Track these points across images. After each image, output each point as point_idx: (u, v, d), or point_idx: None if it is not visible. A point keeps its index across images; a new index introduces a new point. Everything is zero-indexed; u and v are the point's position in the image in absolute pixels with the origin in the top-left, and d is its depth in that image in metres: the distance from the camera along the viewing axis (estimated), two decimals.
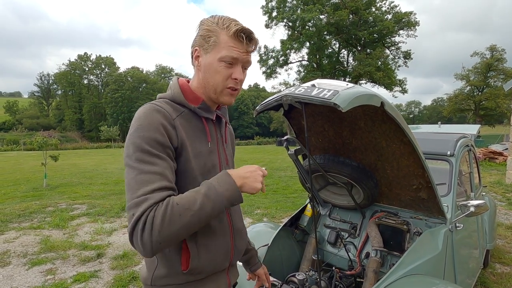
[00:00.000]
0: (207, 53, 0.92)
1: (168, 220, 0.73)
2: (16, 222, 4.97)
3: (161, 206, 0.74)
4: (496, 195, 7.02)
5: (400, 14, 29.84)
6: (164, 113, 0.86)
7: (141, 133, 0.81)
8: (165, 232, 0.73)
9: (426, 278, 1.53)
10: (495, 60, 32.76)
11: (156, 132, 0.82)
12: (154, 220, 0.72)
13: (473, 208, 1.80)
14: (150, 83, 59.07)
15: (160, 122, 0.83)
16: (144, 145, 0.80)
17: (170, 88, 0.98)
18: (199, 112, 0.95)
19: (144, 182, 0.76)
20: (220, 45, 0.90)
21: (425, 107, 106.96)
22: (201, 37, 0.92)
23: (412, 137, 1.45)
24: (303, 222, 2.22)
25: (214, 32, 0.90)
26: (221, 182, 0.83)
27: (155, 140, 0.81)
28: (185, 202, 0.77)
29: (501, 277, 3.07)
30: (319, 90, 1.13)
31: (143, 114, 0.85)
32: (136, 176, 0.77)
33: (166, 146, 0.83)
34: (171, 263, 0.89)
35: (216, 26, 0.90)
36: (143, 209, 0.73)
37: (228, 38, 0.89)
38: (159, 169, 0.79)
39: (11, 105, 70.12)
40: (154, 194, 0.75)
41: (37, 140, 8.23)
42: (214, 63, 0.91)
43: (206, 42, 0.91)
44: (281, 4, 30.44)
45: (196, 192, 0.80)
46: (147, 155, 0.79)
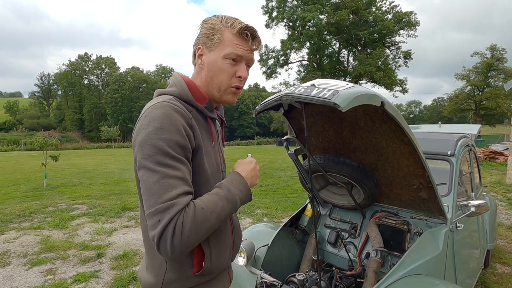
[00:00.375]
0: (210, 51, 0.91)
1: (197, 224, 0.75)
2: (16, 222, 4.97)
3: (188, 212, 0.75)
4: (496, 195, 7.01)
5: (401, 14, 29.82)
6: (182, 113, 0.83)
7: (162, 135, 0.77)
8: (194, 237, 0.75)
9: (426, 278, 1.53)
10: (496, 60, 32.71)
11: (178, 134, 0.79)
12: (183, 225, 0.73)
13: (473, 208, 1.79)
14: (150, 83, 59.09)
15: (181, 124, 0.81)
16: (166, 148, 0.77)
17: (174, 85, 0.93)
18: (206, 112, 0.94)
19: (169, 186, 0.75)
20: (225, 42, 0.89)
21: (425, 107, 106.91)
22: (205, 35, 0.91)
23: (413, 137, 1.45)
24: (303, 222, 2.21)
25: (218, 30, 0.90)
26: (235, 183, 0.87)
27: (177, 143, 0.79)
28: (210, 206, 0.79)
29: (502, 277, 3.06)
30: (319, 90, 1.12)
31: (162, 114, 0.80)
32: (159, 180, 0.75)
33: (187, 148, 0.82)
34: (182, 267, 0.87)
35: (220, 24, 0.90)
36: (172, 215, 0.73)
37: (233, 36, 0.89)
38: (181, 173, 0.78)
39: (12, 105, 70.18)
40: (180, 199, 0.75)
41: (37, 140, 8.23)
42: (219, 61, 0.90)
43: (210, 40, 0.90)
44: (281, 4, 30.43)
45: (216, 195, 0.82)
46: (169, 158, 0.77)
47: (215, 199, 0.81)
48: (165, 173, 0.76)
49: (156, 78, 64.50)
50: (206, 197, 0.81)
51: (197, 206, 0.77)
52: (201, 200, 0.79)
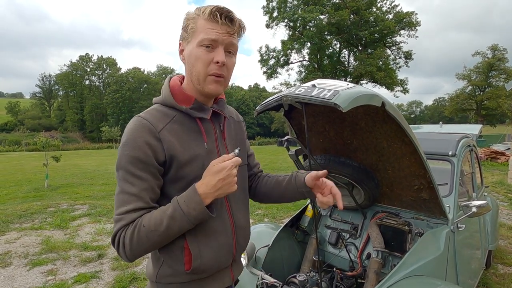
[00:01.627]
0: (188, 43, 0.89)
1: (136, 241, 0.81)
2: (18, 222, 4.97)
3: (130, 228, 0.82)
4: (498, 195, 6.99)
5: (401, 14, 29.79)
6: (148, 127, 0.85)
7: (125, 151, 0.83)
8: (135, 250, 0.82)
9: (428, 279, 1.52)
10: (497, 60, 32.64)
11: (139, 151, 0.83)
12: (124, 240, 0.82)
13: (475, 208, 1.79)
14: (151, 84, 59.22)
15: (143, 140, 0.83)
16: (127, 165, 0.83)
17: (161, 92, 0.96)
18: (192, 113, 0.91)
19: (122, 202, 0.83)
20: (198, 30, 0.86)
21: (426, 107, 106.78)
22: (182, 29, 0.91)
23: (414, 137, 1.44)
24: (304, 223, 2.21)
25: (192, 19, 0.87)
26: (188, 201, 0.83)
27: (138, 159, 0.83)
28: (152, 224, 0.81)
29: (504, 278, 3.05)
30: (319, 90, 1.12)
31: (129, 129, 0.86)
32: (118, 194, 0.85)
33: (149, 164, 0.84)
34: (175, 263, 0.91)
35: (193, 14, 0.88)
36: (117, 229, 0.83)
37: (205, 22, 0.85)
38: (136, 190, 0.83)
39: (13, 106, 70.40)
40: (127, 215, 0.82)
41: (41, 141, 8.30)
42: (194, 50, 0.87)
43: (185, 32, 0.89)
44: (282, 4, 30.43)
45: (163, 212, 0.83)
46: (129, 174, 0.83)
47: (160, 217, 0.82)
48: (122, 188, 0.84)
49: (157, 78, 64.58)
50: (154, 214, 0.83)
51: (140, 223, 0.81)
52: (148, 217, 0.83)
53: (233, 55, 0.92)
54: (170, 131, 0.88)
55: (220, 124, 1.01)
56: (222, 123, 1.01)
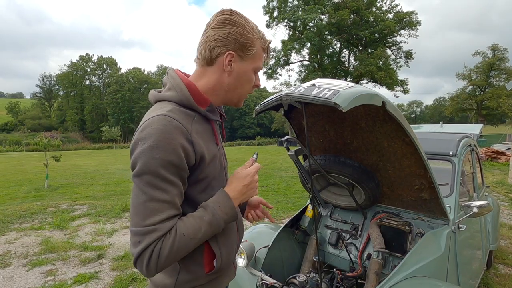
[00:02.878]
0: (242, 61, 0.89)
1: (176, 250, 0.76)
2: (17, 223, 4.97)
3: (168, 238, 0.76)
4: (499, 195, 6.98)
5: (401, 14, 29.79)
6: (181, 129, 0.79)
7: (156, 154, 0.75)
8: (171, 261, 0.77)
9: (428, 280, 1.51)
10: (497, 60, 32.64)
11: (173, 154, 0.76)
12: (161, 251, 0.75)
13: (476, 209, 1.78)
14: (151, 84, 59.21)
15: (179, 143, 0.77)
16: (158, 169, 0.75)
17: (173, 88, 0.88)
18: (209, 116, 0.91)
19: (154, 210, 0.75)
20: (257, 56, 0.91)
21: (426, 107, 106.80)
22: (238, 42, 0.86)
23: (414, 137, 1.43)
24: (304, 223, 2.20)
25: (254, 42, 0.89)
26: (222, 206, 0.85)
27: (171, 163, 0.76)
28: (191, 232, 0.79)
29: (505, 278, 3.04)
30: (320, 90, 1.11)
31: (159, 130, 0.76)
32: (145, 202, 0.75)
33: (182, 168, 0.79)
34: (194, 267, 0.90)
35: (254, 35, 0.89)
36: (151, 240, 0.74)
37: (261, 50, 0.92)
38: (170, 197, 0.77)
39: (13, 106, 70.44)
40: (163, 225, 0.75)
41: (42, 141, 8.31)
42: (248, 72, 0.91)
43: (245, 50, 0.88)
44: (282, 4, 30.43)
45: (200, 219, 0.81)
46: (160, 180, 0.76)
47: (198, 224, 0.80)
48: (152, 195, 0.75)
49: (157, 78, 64.60)
50: (190, 221, 0.80)
51: (179, 232, 0.77)
52: (184, 224, 0.79)
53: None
54: (196, 132, 0.85)
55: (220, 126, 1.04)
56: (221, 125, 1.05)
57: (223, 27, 0.85)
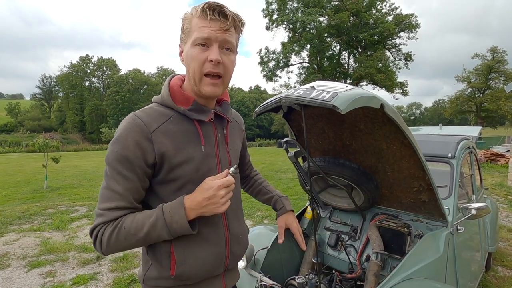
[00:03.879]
0: (185, 44, 0.88)
1: (114, 240, 0.82)
2: (16, 224, 4.96)
3: (110, 226, 0.82)
4: (498, 197, 6.98)
5: (401, 16, 29.88)
6: (141, 127, 0.83)
7: (115, 148, 0.82)
8: (112, 248, 0.83)
9: (427, 281, 1.52)
10: (496, 62, 32.75)
11: (127, 150, 0.82)
12: (102, 237, 0.82)
13: (474, 210, 1.78)
14: (151, 85, 59.25)
15: (134, 140, 0.82)
16: (114, 162, 0.82)
17: (162, 90, 0.95)
18: (190, 115, 0.89)
19: (106, 198, 0.83)
20: (192, 29, 0.84)
21: (426, 109, 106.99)
22: (180, 31, 0.89)
23: (413, 139, 1.44)
24: (303, 225, 2.20)
25: (187, 19, 0.86)
26: (173, 212, 0.82)
27: (126, 158, 0.82)
28: (133, 227, 0.81)
29: (503, 281, 3.04)
30: (318, 92, 1.12)
31: (122, 127, 0.84)
32: (102, 188, 0.84)
33: (136, 164, 0.83)
34: (161, 267, 0.91)
35: (189, 14, 0.87)
36: (96, 223, 0.83)
37: (198, 20, 0.83)
38: (121, 189, 0.82)
39: (13, 107, 70.45)
40: (108, 213, 0.82)
41: (38, 142, 8.24)
42: (189, 50, 0.85)
43: (182, 33, 0.88)
44: (282, 7, 30.53)
45: (146, 218, 0.83)
46: (115, 172, 0.83)
47: (142, 222, 0.82)
48: (108, 184, 0.83)
49: (157, 80, 64.61)
50: (137, 217, 0.83)
51: (121, 224, 0.82)
52: (131, 219, 0.82)
53: (231, 52, 0.88)
54: (164, 132, 0.85)
55: (223, 127, 0.98)
56: (225, 127, 0.98)
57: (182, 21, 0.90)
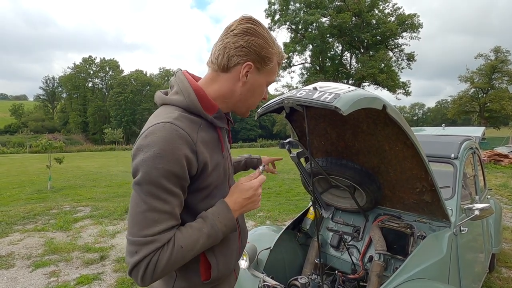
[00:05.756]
0: (258, 73, 0.87)
1: (173, 262, 0.75)
2: (21, 224, 5.00)
3: (166, 250, 0.74)
4: (501, 198, 6.94)
5: (404, 16, 29.80)
6: (186, 138, 0.77)
7: (159, 164, 0.72)
8: (167, 271, 0.76)
9: (430, 282, 1.51)
10: (500, 62, 32.55)
11: (176, 166, 0.74)
12: (158, 262, 0.73)
13: (477, 211, 1.78)
14: (153, 86, 59.49)
15: (183, 154, 0.75)
16: (160, 179, 0.73)
17: (180, 92, 0.85)
18: (215, 123, 0.88)
19: (153, 221, 0.73)
20: (272, 70, 0.90)
21: (429, 109, 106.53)
22: (258, 54, 0.84)
23: (415, 140, 1.44)
24: (305, 225, 2.21)
25: (273, 56, 0.88)
26: (221, 218, 0.83)
27: (174, 174, 0.74)
28: (189, 244, 0.77)
29: (507, 282, 3.03)
30: (321, 93, 1.13)
31: (163, 139, 0.74)
32: (145, 212, 0.73)
33: (183, 178, 0.77)
34: (190, 276, 0.88)
35: (274, 48, 0.87)
36: (148, 251, 0.72)
37: (277, 64, 0.91)
38: (170, 208, 0.75)
39: (17, 108, 70.97)
40: (161, 236, 0.74)
41: (42, 143, 8.32)
42: (262, 85, 0.91)
43: (264, 63, 0.86)
44: (284, 7, 30.55)
45: (199, 231, 0.80)
46: (161, 191, 0.74)
47: (196, 236, 0.79)
48: (153, 206, 0.73)
49: (159, 81, 64.87)
50: (188, 232, 0.78)
51: (177, 244, 0.75)
52: (183, 236, 0.77)
53: None
54: (201, 141, 0.82)
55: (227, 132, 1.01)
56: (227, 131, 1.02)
57: (245, 36, 0.82)
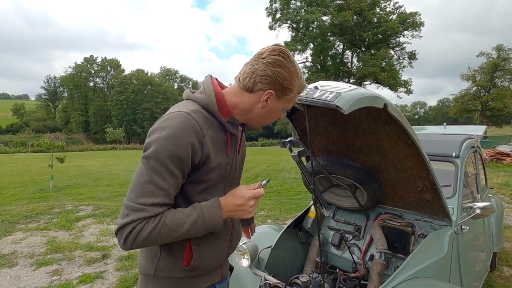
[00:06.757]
0: (278, 100, 0.94)
1: (154, 236, 0.81)
2: (23, 223, 5.03)
3: (152, 222, 0.81)
4: (503, 197, 6.92)
5: (405, 14, 29.69)
6: (197, 129, 0.86)
7: (168, 145, 0.81)
8: (147, 243, 0.83)
9: (431, 281, 1.52)
10: (502, 60, 32.37)
11: (182, 150, 0.83)
12: (141, 231, 0.80)
13: (479, 210, 1.78)
14: (155, 85, 59.47)
15: (190, 141, 0.84)
16: (164, 159, 0.81)
17: (204, 92, 0.94)
18: (227, 127, 0.95)
19: (149, 192, 0.81)
20: (291, 99, 0.96)
21: (430, 108, 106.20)
22: (281, 85, 0.91)
23: (416, 139, 1.45)
24: (307, 224, 2.21)
25: (294, 87, 0.93)
26: (211, 212, 0.89)
27: (178, 157, 0.82)
28: (174, 224, 0.83)
29: (509, 280, 3.03)
30: (322, 92, 1.13)
31: (177, 124, 0.83)
32: (144, 183, 0.81)
33: (185, 163, 0.85)
34: (174, 259, 0.95)
35: (297, 81, 0.93)
36: (136, 217, 0.79)
37: (297, 93, 0.97)
38: (167, 185, 0.83)
39: (19, 107, 71.18)
40: (151, 208, 0.81)
41: (45, 142, 8.35)
42: (279, 110, 0.98)
43: (284, 93, 0.93)
44: (285, 6, 30.48)
45: (187, 216, 0.86)
46: (163, 168, 0.82)
47: (182, 219, 0.84)
48: (152, 179, 0.81)
49: (160, 80, 64.86)
50: (177, 215, 0.85)
51: (163, 220, 0.82)
52: (171, 216, 0.84)
53: None
54: (210, 136, 0.90)
55: (238, 140, 1.04)
56: (239, 139, 1.05)
57: (273, 67, 0.89)
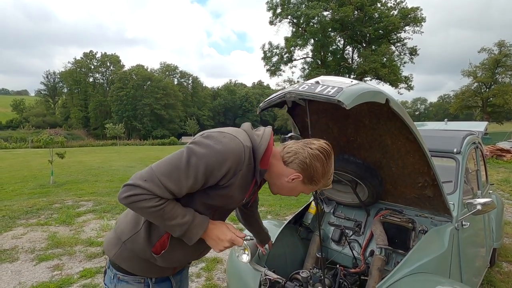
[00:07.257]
0: (303, 184, 1.05)
1: (149, 212, 0.90)
2: (24, 218, 5.04)
3: (156, 201, 0.88)
4: (503, 193, 6.93)
5: (406, 9, 29.42)
6: (241, 161, 0.95)
7: (213, 157, 0.90)
8: (139, 212, 0.92)
9: (431, 276, 1.52)
10: (504, 56, 32.14)
11: (220, 168, 0.91)
12: (143, 202, 0.88)
13: (479, 206, 1.78)
14: (154, 81, 59.23)
15: (230, 166, 0.92)
16: (203, 164, 0.90)
17: (261, 136, 1.03)
18: (257, 174, 1.02)
19: (173, 178, 0.89)
20: (314, 187, 1.07)
21: (431, 104, 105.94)
22: (311, 176, 1.02)
23: (418, 134, 1.44)
24: (307, 220, 2.21)
25: (320, 182, 1.05)
26: (197, 226, 0.98)
27: (213, 171, 0.91)
28: (170, 216, 0.92)
29: (508, 276, 3.04)
30: (323, 87, 1.12)
31: (232, 148, 0.92)
32: (174, 167, 0.90)
33: (213, 178, 0.92)
34: (147, 242, 1.01)
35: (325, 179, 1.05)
36: (150, 189, 0.87)
37: (318, 188, 1.09)
38: (186, 185, 0.91)
39: (18, 103, 70.97)
40: (164, 191, 0.89)
41: (43, 138, 8.32)
42: (298, 191, 1.09)
43: (310, 181, 1.04)
44: (286, 1, 30.22)
45: (180, 215, 0.94)
46: (193, 171, 0.90)
47: (175, 216, 0.93)
48: (181, 170, 0.89)
49: (160, 76, 64.58)
50: (175, 209, 0.93)
51: (164, 206, 0.90)
52: (171, 207, 0.92)
53: None
54: (243, 173, 0.98)
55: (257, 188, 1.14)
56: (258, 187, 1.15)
57: (313, 160, 1.00)
